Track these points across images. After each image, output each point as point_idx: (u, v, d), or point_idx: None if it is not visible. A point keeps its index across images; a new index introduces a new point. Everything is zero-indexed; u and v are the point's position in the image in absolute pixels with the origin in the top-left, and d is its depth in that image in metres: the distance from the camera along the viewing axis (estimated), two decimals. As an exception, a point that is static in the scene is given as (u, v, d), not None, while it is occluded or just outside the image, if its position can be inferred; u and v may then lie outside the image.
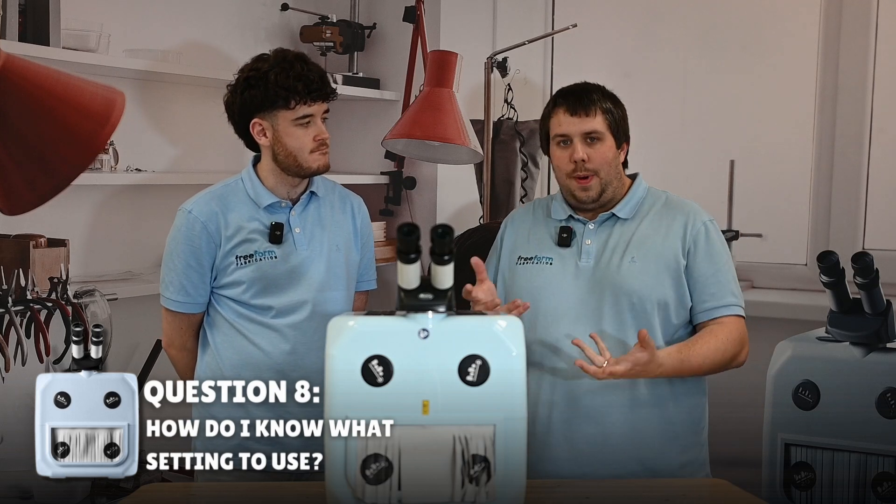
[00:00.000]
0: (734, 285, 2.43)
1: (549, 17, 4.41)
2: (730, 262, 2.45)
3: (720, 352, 2.37)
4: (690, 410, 2.43)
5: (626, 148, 2.46)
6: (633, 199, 2.46)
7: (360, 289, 2.73)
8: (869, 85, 3.79)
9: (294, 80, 2.48)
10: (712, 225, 2.46)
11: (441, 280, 1.78)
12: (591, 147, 2.41)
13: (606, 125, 2.41)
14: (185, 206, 2.57)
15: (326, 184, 2.68)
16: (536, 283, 2.43)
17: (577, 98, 2.43)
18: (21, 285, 2.82)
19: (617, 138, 2.43)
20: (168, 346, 2.65)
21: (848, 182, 3.82)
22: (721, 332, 2.38)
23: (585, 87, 2.45)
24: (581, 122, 2.41)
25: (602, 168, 2.42)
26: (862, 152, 3.80)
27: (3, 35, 2.80)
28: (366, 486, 1.72)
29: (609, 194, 2.44)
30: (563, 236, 2.44)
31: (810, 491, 2.92)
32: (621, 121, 2.44)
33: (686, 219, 2.43)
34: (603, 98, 2.43)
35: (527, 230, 2.51)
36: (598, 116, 2.41)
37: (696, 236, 2.41)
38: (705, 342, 2.37)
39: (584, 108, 2.41)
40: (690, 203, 2.50)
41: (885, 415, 2.81)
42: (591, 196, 2.43)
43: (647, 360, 2.26)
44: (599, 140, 2.41)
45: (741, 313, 2.43)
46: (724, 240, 2.50)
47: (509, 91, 4.06)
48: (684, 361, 2.34)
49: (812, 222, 3.91)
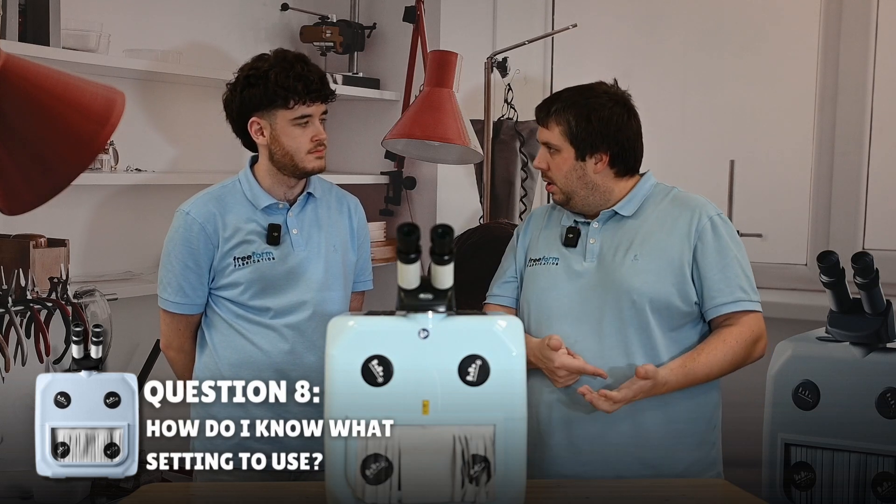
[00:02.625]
0: (745, 280, 2.38)
1: (549, 17, 4.41)
2: (741, 255, 2.40)
3: (728, 357, 2.34)
4: (699, 408, 2.41)
5: (606, 157, 2.38)
6: (637, 196, 2.44)
7: (357, 289, 2.73)
8: (869, 85, 3.78)
9: (294, 80, 2.48)
10: (720, 219, 2.40)
11: (441, 280, 1.78)
12: (551, 157, 2.42)
13: (564, 137, 2.38)
14: (183, 207, 2.57)
15: (323, 185, 2.68)
16: (542, 283, 2.42)
17: (540, 107, 2.45)
18: (21, 285, 2.82)
19: (579, 149, 2.38)
20: (166, 348, 2.65)
21: (848, 182, 3.82)
22: (730, 335, 2.35)
23: (554, 97, 2.44)
24: (541, 132, 2.44)
25: (558, 178, 2.41)
26: (862, 152, 3.80)
27: (3, 35, 2.80)
28: (366, 486, 1.72)
29: (579, 202, 2.42)
30: (569, 237, 2.44)
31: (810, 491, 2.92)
32: (588, 132, 2.37)
33: (692, 214, 2.39)
34: (565, 108, 2.38)
35: (539, 231, 2.51)
36: (553, 129, 2.40)
37: (701, 232, 2.37)
38: (711, 350, 2.34)
39: (542, 120, 2.43)
40: (698, 198, 2.45)
41: (885, 415, 2.81)
42: (557, 200, 2.45)
43: (650, 387, 2.26)
44: (557, 151, 2.40)
45: (754, 308, 2.38)
46: (735, 233, 2.43)
47: (509, 91, 4.06)
48: (689, 374, 2.32)
49: (812, 222, 3.91)
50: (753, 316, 2.38)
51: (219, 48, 3.72)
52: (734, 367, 2.38)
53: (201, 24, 3.69)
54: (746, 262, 2.41)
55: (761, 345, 2.41)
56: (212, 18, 3.75)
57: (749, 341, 2.37)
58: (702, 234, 2.38)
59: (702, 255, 2.37)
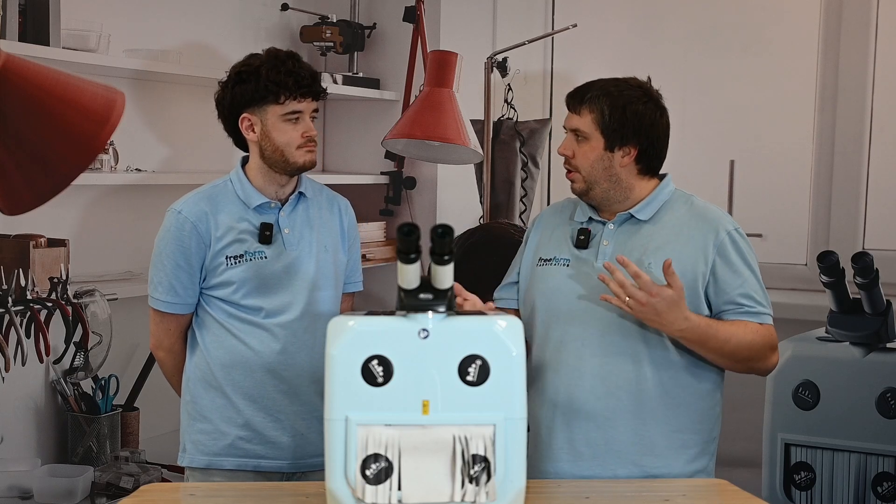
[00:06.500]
0: (762, 295, 2.35)
1: (549, 17, 4.41)
2: (756, 270, 2.37)
3: (748, 339, 2.29)
4: (702, 419, 2.37)
5: (634, 152, 2.35)
6: (655, 200, 2.40)
7: (347, 290, 2.73)
8: (869, 85, 3.79)
9: (285, 76, 2.49)
10: (738, 234, 2.37)
11: (441, 280, 1.78)
12: (578, 144, 2.39)
13: (595, 125, 2.35)
14: (175, 206, 2.56)
15: (314, 185, 2.68)
16: (551, 284, 2.40)
17: (573, 94, 2.41)
18: (21, 285, 2.81)
19: (609, 139, 2.35)
20: (156, 349, 2.63)
21: (848, 182, 3.82)
22: (752, 325, 2.31)
23: (588, 85, 2.40)
24: (570, 118, 2.40)
25: (583, 167, 2.37)
26: (862, 152, 3.80)
27: (3, 35, 2.79)
28: (366, 486, 1.72)
29: (599, 194, 2.38)
30: (581, 238, 2.41)
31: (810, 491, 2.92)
32: (622, 123, 2.34)
33: (709, 229, 2.35)
34: (600, 97, 2.35)
35: (550, 231, 2.48)
36: (585, 115, 2.36)
37: (720, 247, 2.33)
38: (736, 325, 2.30)
39: (574, 105, 2.39)
40: (716, 210, 2.41)
41: (885, 415, 2.81)
42: (576, 189, 2.41)
43: (674, 300, 2.19)
44: (585, 139, 2.37)
45: (770, 322, 2.35)
46: (751, 247, 2.40)
47: (509, 91, 4.06)
48: (711, 327, 2.26)
49: (812, 222, 3.91)
50: (770, 327, 2.35)
51: (219, 48, 3.71)
52: (749, 354, 2.31)
53: (201, 24, 3.69)
54: (760, 275, 2.38)
55: (775, 356, 2.38)
56: (212, 18, 3.75)
57: (767, 344, 2.33)
58: (721, 251, 2.34)
59: (721, 271, 2.33)
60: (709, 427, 2.40)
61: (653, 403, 2.32)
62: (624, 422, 2.32)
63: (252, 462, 2.56)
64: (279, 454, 2.56)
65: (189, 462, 2.59)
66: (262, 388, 2.54)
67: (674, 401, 2.34)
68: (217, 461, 2.56)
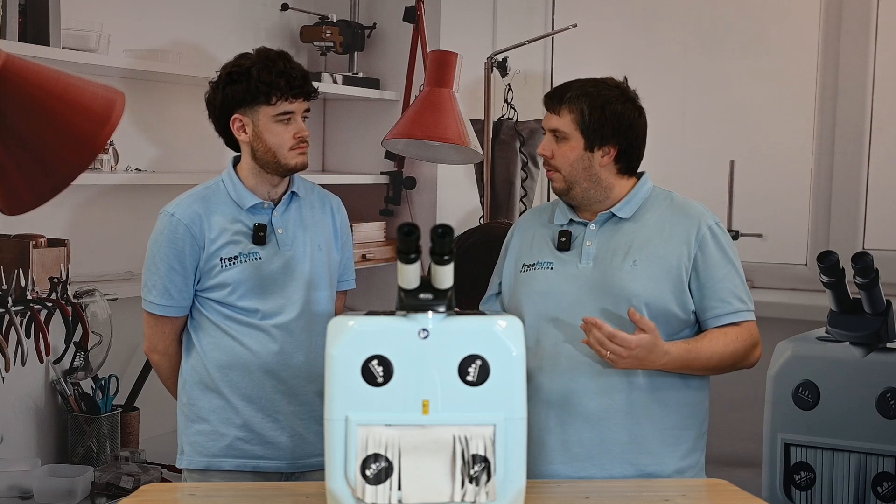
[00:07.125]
0: (742, 290, 2.39)
1: (549, 17, 4.41)
2: (737, 264, 2.40)
3: (729, 350, 2.34)
4: (692, 415, 2.40)
5: (613, 151, 2.37)
6: (635, 198, 2.43)
7: (340, 289, 2.73)
8: (869, 85, 3.79)
9: (276, 77, 2.48)
10: (718, 228, 2.40)
11: (441, 280, 1.78)
12: (557, 144, 2.40)
13: (574, 125, 2.36)
14: (168, 208, 2.55)
15: (306, 184, 2.68)
16: (537, 288, 2.41)
17: (551, 94, 2.43)
18: (21, 285, 2.81)
19: (589, 139, 2.36)
20: (150, 352, 2.62)
21: (848, 182, 3.82)
22: (731, 332, 2.35)
23: (566, 85, 2.42)
24: (549, 119, 2.41)
25: (563, 167, 2.39)
26: (862, 152, 3.80)
27: (3, 35, 2.79)
28: (366, 486, 1.72)
29: (580, 193, 2.40)
30: (562, 240, 2.42)
31: (810, 491, 2.92)
32: (602, 123, 2.35)
33: (691, 223, 2.38)
34: (580, 97, 2.36)
35: (531, 237, 2.49)
36: (565, 116, 2.38)
37: (701, 241, 2.36)
38: (713, 339, 2.34)
39: (553, 105, 2.41)
40: (696, 205, 2.45)
41: (885, 415, 2.81)
42: (557, 188, 2.42)
43: (651, 343, 2.23)
44: (565, 139, 2.38)
45: (751, 318, 2.39)
46: (731, 240, 2.43)
47: (509, 91, 4.06)
48: (691, 352, 2.31)
49: (812, 222, 3.91)
50: (751, 324, 2.40)
51: (219, 48, 3.71)
52: (733, 361, 2.37)
53: (201, 24, 3.69)
54: (741, 269, 2.42)
55: (758, 351, 2.42)
56: (212, 19, 3.75)
57: (749, 344, 2.38)
58: (702, 244, 2.37)
59: (703, 265, 2.36)
60: (699, 422, 2.42)
61: (645, 402, 2.34)
62: (617, 421, 2.33)
63: (251, 462, 2.56)
64: (278, 454, 2.56)
65: (188, 464, 2.59)
66: (261, 388, 2.54)
67: (665, 399, 2.36)
68: (216, 462, 2.56)
